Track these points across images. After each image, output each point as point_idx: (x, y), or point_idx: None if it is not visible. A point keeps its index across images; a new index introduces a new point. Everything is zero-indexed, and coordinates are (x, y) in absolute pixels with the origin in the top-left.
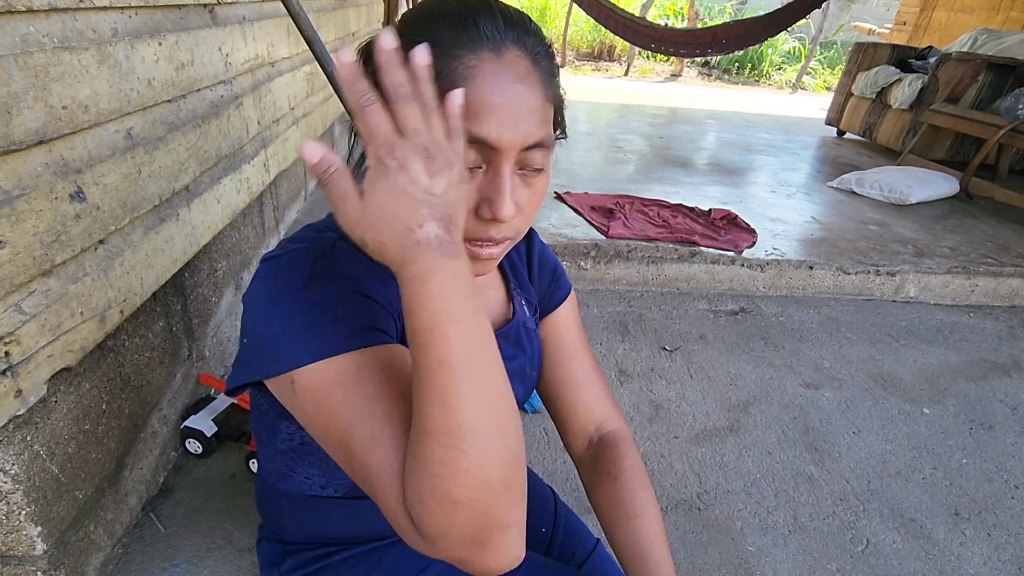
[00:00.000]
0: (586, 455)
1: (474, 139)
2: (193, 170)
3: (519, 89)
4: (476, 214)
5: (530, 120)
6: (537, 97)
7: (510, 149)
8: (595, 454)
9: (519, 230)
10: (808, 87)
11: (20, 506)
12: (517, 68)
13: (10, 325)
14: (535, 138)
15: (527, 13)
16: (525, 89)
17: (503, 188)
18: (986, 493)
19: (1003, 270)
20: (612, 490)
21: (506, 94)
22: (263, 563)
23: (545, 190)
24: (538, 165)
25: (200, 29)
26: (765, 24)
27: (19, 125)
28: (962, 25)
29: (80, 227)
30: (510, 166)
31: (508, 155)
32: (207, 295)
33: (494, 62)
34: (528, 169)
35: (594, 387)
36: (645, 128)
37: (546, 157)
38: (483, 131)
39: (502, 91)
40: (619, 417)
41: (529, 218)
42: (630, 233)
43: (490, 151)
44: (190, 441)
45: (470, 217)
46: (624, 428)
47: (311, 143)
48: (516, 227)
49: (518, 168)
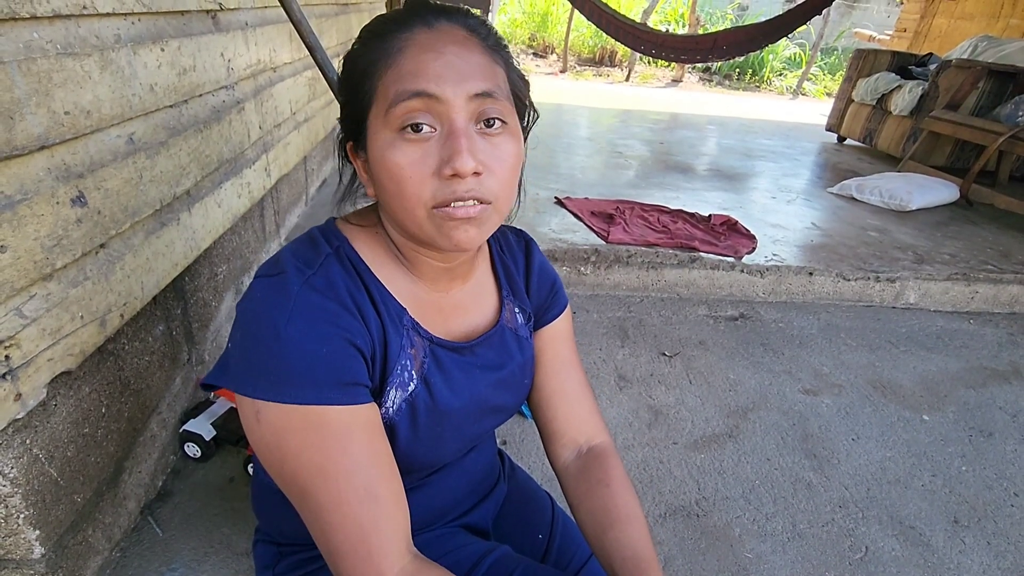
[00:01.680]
0: (573, 465)
1: (417, 93)
2: (194, 175)
3: (454, 49)
4: (439, 175)
5: (472, 73)
6: (477, 55)
7: (455, 99)
8: (584, 464)
9: (496, 194)
10: (808, 93)
11: (19, 509)
12: (452, 35)
13: (10, 329)
14: (481, 87)
15: (529, 17)
16: (462, 49)
17: (458, 141)
18: (986, 501)
19: (1003, 277)
20: (605, 497)
21: (441, 52)
22: (259, 565)
23: (516, 153)
24: (494, 116)
25: (203, 35)
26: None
27: (22, 130)
28: (962, 32)
29: (81, 231)
30: (463, 119)
31: (455, 105)
32: (207, 299)
33: (426, 33)
34: (484, 124)
35: (585, 401)
36: (646, 133)
37: (505, 112)
38: (422, 84)
39: (436, 50)
40: (605, 431)
41: (504, 182)
42: (630, 238)
43: (437, 104)
44: (189, 445)
45: (434, 180)
46: (609, 441)
47: None
48: (489, 188)
49: (475, 124)
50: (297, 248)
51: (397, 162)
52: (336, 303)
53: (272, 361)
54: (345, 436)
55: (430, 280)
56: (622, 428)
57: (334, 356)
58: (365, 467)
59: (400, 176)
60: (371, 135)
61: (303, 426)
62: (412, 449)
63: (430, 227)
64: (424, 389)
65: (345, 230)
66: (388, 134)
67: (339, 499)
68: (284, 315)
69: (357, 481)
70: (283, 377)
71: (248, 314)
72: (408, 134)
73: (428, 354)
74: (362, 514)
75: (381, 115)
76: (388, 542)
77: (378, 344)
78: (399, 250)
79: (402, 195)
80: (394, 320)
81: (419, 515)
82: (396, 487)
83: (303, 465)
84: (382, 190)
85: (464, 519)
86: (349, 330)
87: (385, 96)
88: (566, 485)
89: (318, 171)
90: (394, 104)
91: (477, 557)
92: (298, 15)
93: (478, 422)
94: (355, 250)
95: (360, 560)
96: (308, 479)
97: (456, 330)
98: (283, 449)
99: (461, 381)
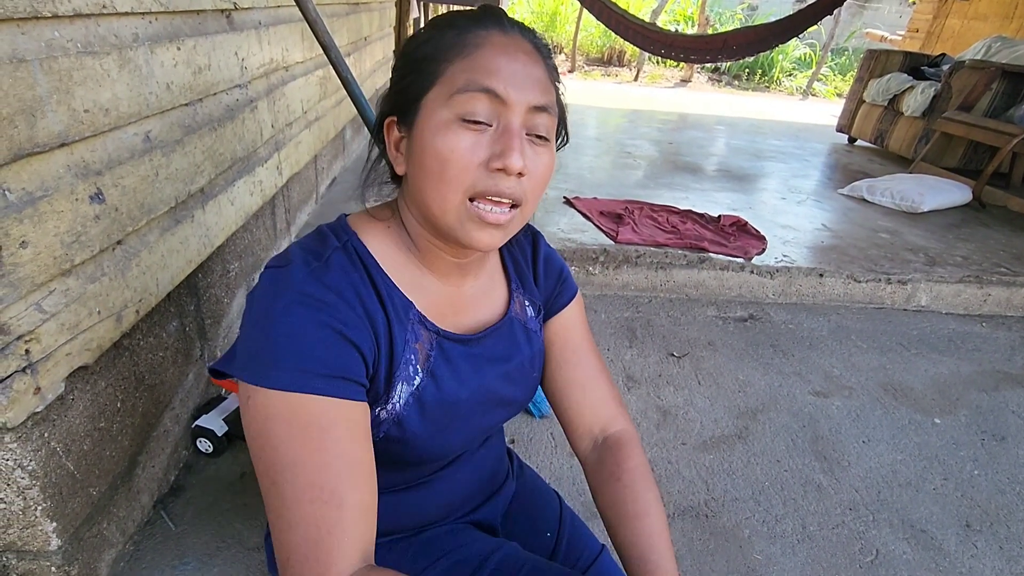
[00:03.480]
0: (591, 456)
1: (486, 89)
2: (208, 173)
3: (524, 59)
4: (487, 166)
5: (535, 86)
6: (541, 71)
7: (518, 105)
8: (600, 456)
9: (527, 198)
10: (819, 94)
11: (37, 501)
12: (522, 44)
13: (30, 323)
14: (540, 101)
15: (537, 16)
16: (530, 60)
17: (513, 139)
18: (998, 505)
19: (1016, 280)
20: (615, 492)
21: (513, 58)
22: (271, 559)
23: (551, 166)
24: (543, 132)
25: (217, 34)
26: (776, 30)
27: (43, 128)
28: (975, 33)
29: (99, 228)
30: (519, 123)
31: (516, 111)
32: (220, 296)
33: (501, 36)
34: (534, 135)
35: (599, 388)
36: (654, 134)
37: (551, 129)
38: (493, 83)
39: (509, 56)
40: (625, 418)
41: (536, 189)
42: (639, 239)
43: (500, 105)
44: (201, 440)
45: (480, 170)
46: (630, 429)
47: None
48: (525, 190)
49: (526, 131)
50: (306, 242)
51: (449, 144)
52: (335, 295)
53: (262, 344)
54: (324, 431)
55: (441, 274)
56: None
57: (325, 346)
58: (337, 467)
59: (448, 158)
60: (425, 113)
61: (286, 414)
62: (422, 441)
63: (455, 217)
64: (431, 382)
65: (356, 225)
66: (446, 115)
67: (301, 496)
68: (282, 303)
69: (325, 480)
70: (270, 361)
71: (252, 302)
72: (466, 122)
73: (435, 347)
74: (322, 515)
75: (443, 98)
76: (342, 549)
77: (383, 340)
78: (413, 243)
79: (443, 177)
80: (399, 315)
81: (429, 511)
82: (366, 497)
83: (279, 456)
84: (420, 168)
85: (473, 515)
86: (345, 323)
87: (452, 82)
88: (587, 476)
89: (328, 170)
90: (462, 91)
91: (486, 553)
92: (313, 14)
93: (486, 414)
94: (364, 244)
95: (309, 563)
96: (279, 471)
97: (465, 323)
98: (264, 436)
99: (468, 372)
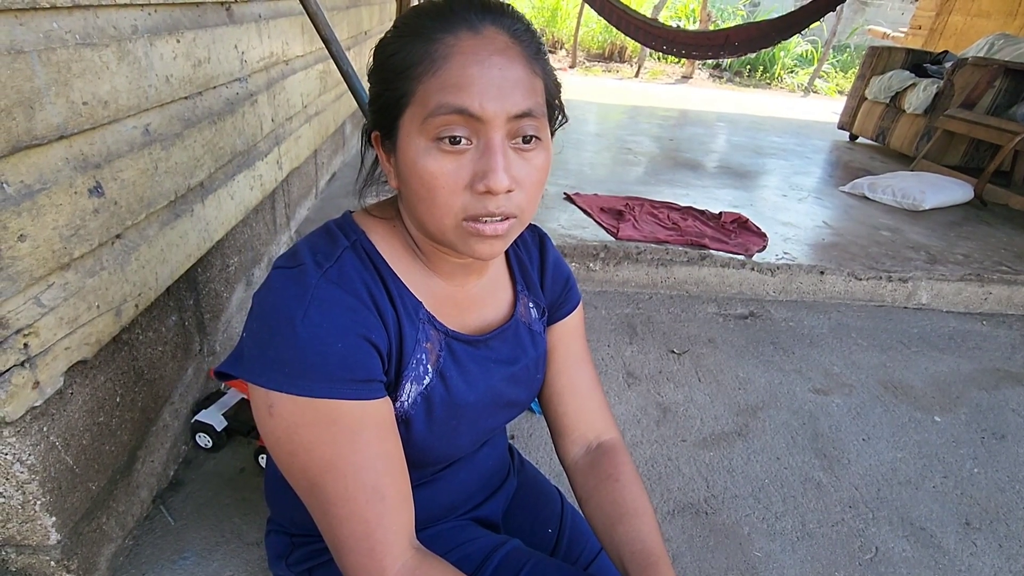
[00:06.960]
0: (583, 460)
1: (459, 110)
2: (208, 166)
3: (499, 61)
4: (472, 189)
5: (514, 90)
6: (519, 69)
7: (496, 118)
8: (594, 460)
9: (522, 207)
10: (820, 91)
11: (36, 496)
12: (496, 43)
13: (29, 317)
14: (521, 107)
15: (538, 12)
16: (506, 61)
17: (494, 159)
18: (998, 503)
19: (1017, 278)
20: (615, 491)
21: (485, 66)
22: (271, 555)
23: (546, 166)
24: (531, 133)
25: (217, 27)
26: (778, 27)
27: (41, 120)
28: (978, 30)
29: (98, 221)
30: (500, 136)
31: (495, 125)
32: (219, 291)
33: (472, 39)
34: (520, 140)
35: (596, 397)
36: (655, 130)
37: (541, 128)
38: (466, 102)
39: (481, 63)
40: (615, 427)
41: (531, 196)
42: (639, 235)
43: (477, 123)
44: (200, 435)
45: (466, 194)
46: (619, 437)
47: None
48: (518, 203)
49: (511, 140)
50: (315, 241)
51: (431, 171)
52: (353, 297)
53: (287, 353)
54: (356, 431)
55: (446, 275)
56: (630, 425)
57: (349, 351)
58: (374, 464)
59: (433, 184)
60: (404, 137)
61: (315, 420)
62: (427, 442)
63: (454, 235)
64: (440, 382)
65: (362, 223)
66: (424, 142)
67: (346, 495)
68: (301, 307)
69: (365, 477)
70: (297, 369)
71: (265, 305)
72: (444, 145)
73: (444, 347)
74: (368, 510)
75: (417, 121)
76: (392, 538)
77: (394, 338)
78: (417, 245)
79: (432, 202)
80: (410, 314)
81: (431, 509)
82: (402, 486)
83: (313, 459)
84: (411, 192)
85: (475, 512)
86: (365, 325)
87: (424, 104)
88: (575, 480)
89: (328, 165)
90: (434, 115)
91: (488, 550)
92: (314, 7)
93: (492, 416)
94: (372, 243)
95: (364, 555)
96: (317, 473)
97: (471, 324)
98: (294, 442)
99: (476, 374)
